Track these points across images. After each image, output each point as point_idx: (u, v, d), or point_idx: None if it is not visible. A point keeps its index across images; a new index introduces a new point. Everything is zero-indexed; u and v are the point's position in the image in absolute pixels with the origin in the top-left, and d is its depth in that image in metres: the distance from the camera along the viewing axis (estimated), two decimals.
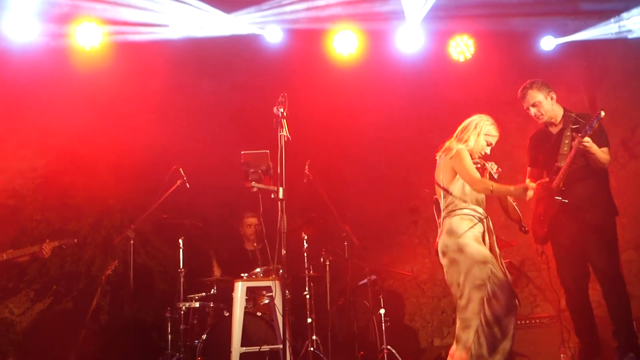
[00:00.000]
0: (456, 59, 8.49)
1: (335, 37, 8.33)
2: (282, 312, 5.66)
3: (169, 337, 7.16)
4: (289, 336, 5.54)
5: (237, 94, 8.78)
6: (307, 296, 7.25)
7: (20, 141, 8.25)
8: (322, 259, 7.62)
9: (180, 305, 7.09)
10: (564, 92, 6.51)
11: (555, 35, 8.30)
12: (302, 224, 7.47)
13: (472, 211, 5.29)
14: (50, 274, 8.22)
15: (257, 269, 6.95)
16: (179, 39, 7.99)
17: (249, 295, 6.55)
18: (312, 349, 7.00)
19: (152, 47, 7.95)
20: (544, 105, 5.87)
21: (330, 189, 7.41)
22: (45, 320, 8.13)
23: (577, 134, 5.52)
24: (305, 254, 7.27)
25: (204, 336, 6.81)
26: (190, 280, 7.40)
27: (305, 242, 7.27)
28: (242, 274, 6.75)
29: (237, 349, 6.07)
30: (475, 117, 5.50)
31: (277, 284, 6.11)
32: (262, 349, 6.34)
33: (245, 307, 6.35)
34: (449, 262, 5.24)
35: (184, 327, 7.02)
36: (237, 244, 8.20)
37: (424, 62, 8.50)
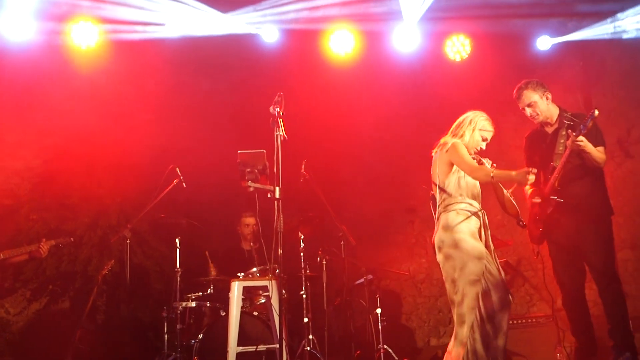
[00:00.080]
0: (452, 58, 8.51)
1: (331, 36, 8.34)
2: (278, 311, 5.65)
3: (166, 336, 7.15)
4: (285, 336, 5.56)
5: (233, 93, 8.78)
6: (304, 296, 7.24)
7: (16, 141, 8.25)
8: (318, 259, 7.61)
9: (176, 304, 7.08)
10: (560, 92, 6.52)
11: (551, 35, 8.31)
12: (299, 224, 7.47)
13: (468, 205, 5.31)
14: (46, 273, 8.21)
15: (254, 269, 6.95)
16: (176, 38, 8.00)
17: (245, 294, 6.55)
18: (308, 348, 6.99)
19: (148, 46, 7.96)
20: (540, 105, 5.88)
21: (326, 188, 7.41)
22: (41, 319, 8.13)
23: (571, 132, 5.53)
24: (301, 253, 7.26)
25: (201, 336, 6.80)
26: (186, 279, 7.40)
27: (301, 242, 7.25)
28: (238, 274, 6.74)
29: (233, 348, 6.07)
30: (469, 113, 5.54)
31: (274, 283, 6.10)
32: (258, 349, 6.33)
33: (241, 306, 6.34)
34: (444, 258, 5.26)
35: (180, 326, 7.01)
36: (234, 244, 8.19)
37: (421, 61, 8.51)
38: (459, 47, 8.47)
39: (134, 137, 8.26)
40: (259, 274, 6.80)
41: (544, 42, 8.33)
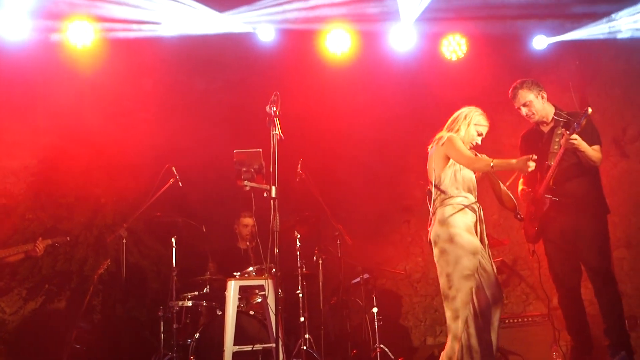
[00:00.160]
0: (449, 58, 8.51)
1: (328, 36, 8.34)
2: (274, 310, 5.66)
3: (162, 336, 7.14)
4: (281, 335, 5.55)
5: (229, 92, 8.78)
6: (300, 295, 7.24)
7: (13, 140, 8.23)
8: (314, 258, 7.60)
9: (173, 304, 7.08)
10: (555, 91, 6.53)
11: (547, 34, 8.32)
12: (295, 223, 7.46)
13: (464, 199, 5.33)
14: (42, 273, 8.20)
15: (250, 268, 6.93)
16: (173, 37, 7.99)
17: (241, 294, 6.54)
18: (305, 347, 7.00)
19: (145, 45, 7.95)
20: (535, 104, 5.88)
21: (322, 187, 7.42)
22: (37, 319, 8.11)
23: (565, 131, 5.54)
24: (298, 252, 7.26)
25: (197, 335, 6.80)
26: (182, 279, 7.39)
27: (298, 241, 7.26)
28: (234, 273, 6.74)
29: (229, 347, 6.07)
30: (464, 108, 5.57)
31: (270, 282, 6.10)
32: (254, 348, 6.33)
33: (238, 305, 6.35)
34: (439, 252, 5.27)
35: (176, 326, 7.00)
36: (230, 243, 8.19)
37: (417, 61, 8.51)
38: (455, 47, 8.47)
39: (130, 136, 8.25)
40: (255, 273, 6.79)
41: (540, 42, 8.34)
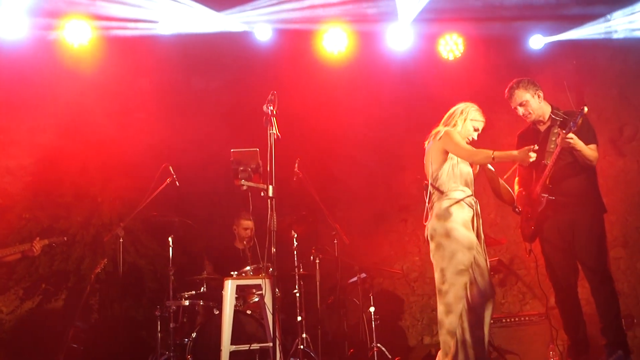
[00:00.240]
0: (446, 57, 8.51)
1: (325, 35, 8.33)
2: (272, 310, 5.65)
3: (159, 335, 7.14)
4: (278, 334, 5.55)
5: (227, 91, 8.78)
6: (297, 294, 7.25)
7: (9, 139, 8.23)
8: (312, 257, 7.60)
9: (170, 303, 7.08)
10: (552, 91, 6.52)
11: (543, 34, 8.33)
12: (292, 222, 7.45)
13: (462, 193, 5.34)
14: (39, 272, 8.19)
15: (247, 267, 6.93)
16: (170, 37, 7.98)
17: (238, 293, 6.54)
18: (302, 347, 7.00)
19: (142, 45, 7.94)
20: (531, 104, 5.87)
21: (320, 187, 7.42)
22: (34, 318, 8.11)
23: (561, 130, 5.54)
24: (295, 252, 7.26)
25: (194, 334, 6.80)
26: (180, 278, 7.38)
27: (295, 240, 7.26)
28: (232, 272, 6.74)
29: (227, 347, 6.06)
30: (460, 104, 5.61)
31: (267, 282, 6.10)
32: (252, 347, 6.32)
33: (235, 305, 6.34)
34: (435, 247, 5.30)
35: (173, 325, 7.00)
36: (228, 242, 8.18)
37: (414, 60, 8.51)
38: (452, 46, 8.47)
39: (128, 135, 8.25)
40: (252, 273, 6.80)
41: (537, 41, 8.34)
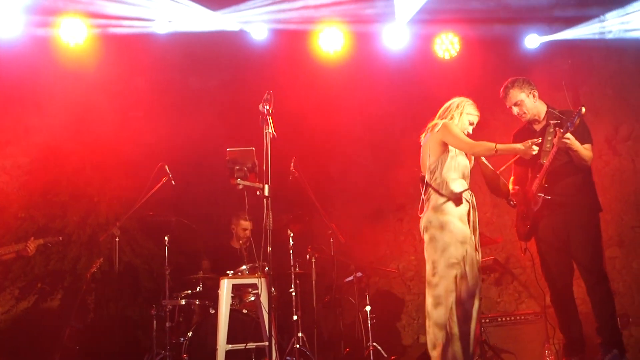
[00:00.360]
0: (442, 56, 8.50)
1: (321, 34, 8.32)
2: (267, 309, 5.66)
3: (155, 334, 7.14)
4: (274, 333, 5.56)
5: (223, 90, 8.77)
6: (293, 293, 7.24)
7: (5, 138, 8.23)
8: (308, 256, 7.61)
9: (166, 302, 7.07)
10: (548, 90, 6.53)
11: (539, 33, 8.33)
12: (288, 222, 7.45)
13: (460, 186, 5.34)
14: (35, 272, 8.19)
15: (243, 267, 6.94)
16: (166, 36, 7.97)
17: (234, 292, 6.53)
18: (298, 346, 6.99)
19: (138, 44, 7.94)
20: (526, 103, 5.88)
21: (316, 186, 7.41)
22: (29, 318, 8.10)
23: (559, 130, 5.54)
24: (291, 251, 7.26)
25: (190, 334, 6.79)
26: (176, 277, 7.38)
27: (291, 240, 7.25)
28: (228, 272, 6.73)
29: (222, 346, 6.06)
30: (455, 98, 5.63)
31: (263, 281, 6.10)
32: (247, 347, 6.32)
33: (231, 304, 6.34)
34: (429, 239, 5.31)
35: (169, 324, 7.00)
36: (224, 241, 8.17)
37: (410, 59, 8.50)
38: (448, 45, 8.47)
39: (123, 134, 8.25)
40: (248, 272, 6.80)
41: (532, 41, 8.34)
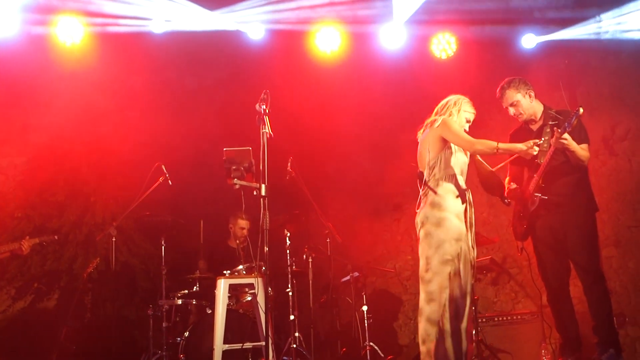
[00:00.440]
0: (438, 56, 8.51)
1: (317, 34, 8.32)
2: (264, 309, 5.66)
3: (151, 334, 7.14)
4: (271, 333, 5.55)
5: (219, 90, 8.77)
6: (290, 293, 7.25)
7: (1, 138, 8.20)
8: (304, 256, 7.61)
9: (162, 302, 7.08)
10: (545, 89, 6.53)
11: (536, 33, 8.34)
12: (285, 221, 7.46)
13: (457, 183, 5.34)
14: (31, 271, 8.18)
15: (240, 266, 6.94)
16: (162, 35, 7.96)
17: (231, 292, 6.54)
18: (294, 345, 7.00)
19: (134, 43, 7.93)
20: (523, 104, 5.87)
21: (312, 186, 7.42)
22: (26, 318, 8.09)
23: (556, 130, 5.54)
24: (287, 251, 7.26)
25: (186, 334, 6.80)
26: (172, 277, 7.38)
27: (287, 239, 7.26)
28: (224, 271, 6.73)
29: (219, 346, 6.06)
30: (452, 96, 5.64)
31: (260, 281, 6.10)
32: (244, 346, 6.32)
33: (227, 304, 6.34)
34: (424, 235, 5.30)
35: (166, 324, 7.00)
36: (221, 241, 8.17)
37: (407, 59, 8.51)
38: (444, 45, 8.47)
39: (120, 134, 8.25)
40: (245, 272, 6.79)
41: (529, 40, 8.35)
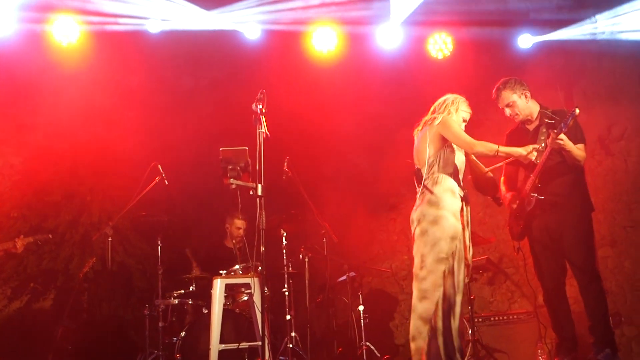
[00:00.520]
0: (435, 56, 8.51)
1: (314, 34, 8.32)
2: (261, 309, 5.66)
3: (147, 334, 7.14)
4: (267, 333, 5.56)
5: (216, 90, 8.76)
6: (286, 293, 7.24)
7: None
8: (301, 256, 7.61)
9: (158, 302, 7.07)
10: (541, 89, 6.54)
11: (532, 33, 8.35)
12: (281, 221, 7.45)
13: (454, 181, 5.34)
14: (27, 271, 8.17)
15: (236, 266, 6.94)
16: (159, 35, 7.96)
17: (227, 292, 6.53)
18: (291, 345, 7.00)
19: (131, 43, 7.92)
20: (519, 104, 5.88)
21: (309, 185, 7.41)
22: (22, 318, 8.08)
23: (552, 130, 5.55)
24: (284, 250, 7.26)
25: (183, 333, 6.80)
26: (168, 277, 7.38)
27: (284, 239, 7.26)
28: (220, 271, 6.73)
29: (215, 346, 6.06)
30: (449, 95, 5.63)
31: (256, 281, 6.10)
32: (240, 346, 6.32)
33: (224, 304, 6.34)
34: (420, 232, 5.29)
35: (162, 324, 7.01)
36: (217, 241, 8.17)
37: (403, 59, 8.51)
38: (441, 45, 8.47)
39: (116, 134, 8.24)
40: (241, 272, 6.80)
41: (525, 40, 8.36)
